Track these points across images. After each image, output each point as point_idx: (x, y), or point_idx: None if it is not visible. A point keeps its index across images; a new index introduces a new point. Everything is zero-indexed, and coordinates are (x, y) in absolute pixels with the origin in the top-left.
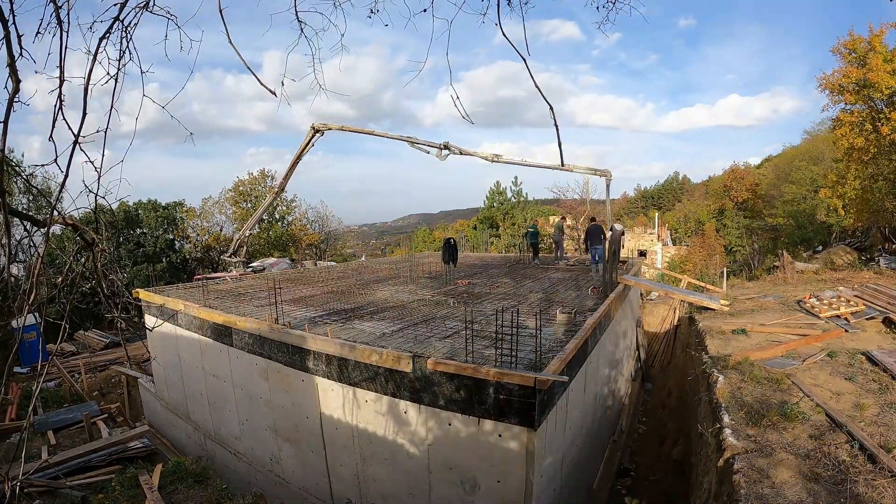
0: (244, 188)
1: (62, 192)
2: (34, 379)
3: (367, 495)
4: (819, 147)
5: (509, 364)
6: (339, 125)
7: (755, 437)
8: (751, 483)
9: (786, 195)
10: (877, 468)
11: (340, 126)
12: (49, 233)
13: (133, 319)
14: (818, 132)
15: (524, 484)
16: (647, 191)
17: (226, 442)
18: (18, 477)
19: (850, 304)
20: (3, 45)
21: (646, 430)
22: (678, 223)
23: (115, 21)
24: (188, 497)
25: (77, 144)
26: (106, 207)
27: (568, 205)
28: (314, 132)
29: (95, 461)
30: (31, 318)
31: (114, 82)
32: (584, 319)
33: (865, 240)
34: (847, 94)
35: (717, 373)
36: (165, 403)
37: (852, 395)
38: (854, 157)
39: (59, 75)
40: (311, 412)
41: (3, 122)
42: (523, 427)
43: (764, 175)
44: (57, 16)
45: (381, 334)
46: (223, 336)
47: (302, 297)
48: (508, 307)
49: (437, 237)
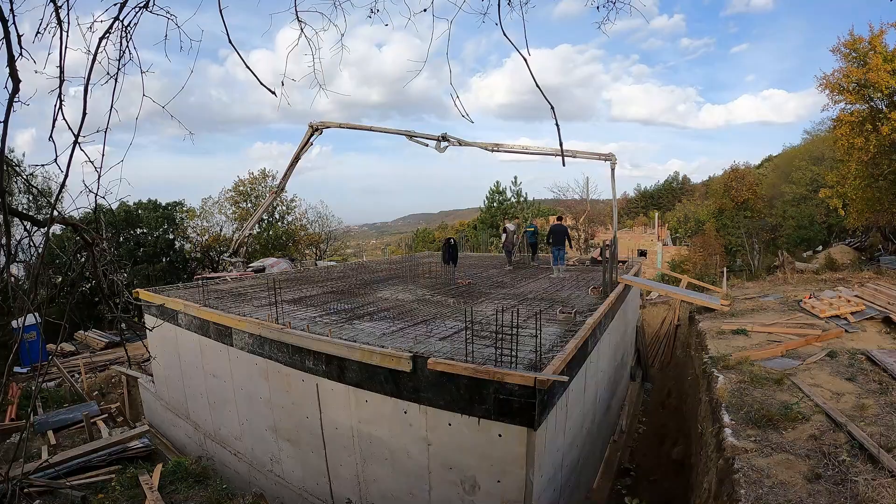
0: (244, 188)
1: (62, 191)
2: (34, 379)
3: (367, 495)
4: (819, 147)
5: (509, 364)
6: (338, 123)
7: (755, 437)
8: (751, 483)
9: (786, 195)
10: (877, 468)
11: (339, 124)
12: (49, 233)
13: (133, 319)
14: (818, 132)
15: (524, 484)
16: (648, 191)
17: (226, 442)
18: (18, 477)
19: (851, 304)
20: (3, 45)
21: (646, 430)
22: (678, 223)
23: (114, 21)
24: (188, 497)
25: (77, 144)
26: (106, 207)
27: (567, 204)
28: (312, 131)
29: (95, 461)
30: (31, 318)
31: (114, 82)
32: (585, 319)
33: (865, 240)
34: (847, 94)
35: (717, 373)
36: (165, 403)
37: (853, 395)
38: (854, 157)
39: (59, 75)
40: (311, 412)
41: (3, 121)
42: (523, 427)
43: (764, 175)
44: (57, 15)
45: (381, 334)
46: (223, 336)
47: (302, 296)
48: (508, 307)
49: (437, 236)
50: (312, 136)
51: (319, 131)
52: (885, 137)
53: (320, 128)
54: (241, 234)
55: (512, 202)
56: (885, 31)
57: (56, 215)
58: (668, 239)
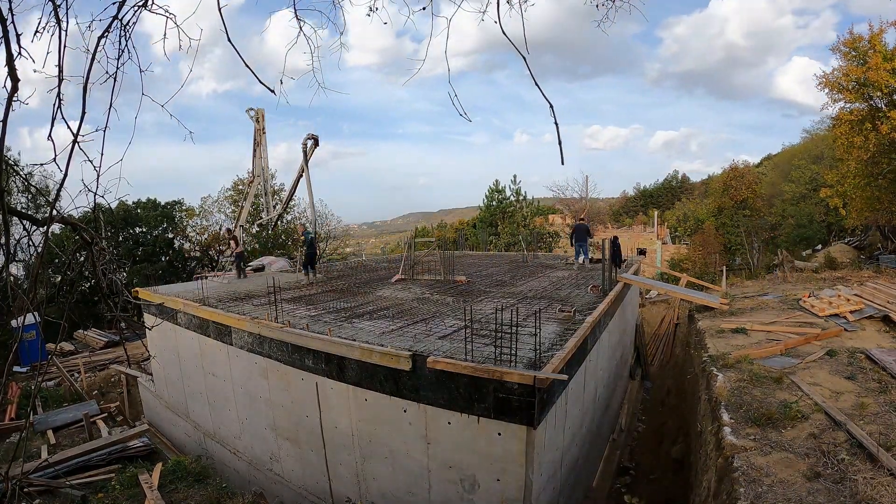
0: (244, 187)
1: (61, 191)
2: (34, 378)
3: (366, 494)
4: (819, 146)
5: (509, 363)
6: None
7: (755, 435)
8: (750, 481)
9: (785, 194)
10: (876, 467)
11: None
12: (48, 232)
13: (132, 318)
14: (818, 131)
15: (524, 482)
16: (647, 189)
17: (225, 441)
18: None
19: (850, 303)
20: (2, 44)
21: (645, 429)
22: (677, 222)
23: (113, 20)
24: (188, 496)
25: (76, 143)
26: (105, 206)
27: (567, 202)
28: (310, 140)
29: (95, 460)
30: (30, 318)
31: (112, 81)
32: (584, 318)
33: (865, 238)
34: (847, 93)
35: (716, 371)
36: (165, 402)
37: (852, 393)
38: (854, 156)
39: (57, 74)
40: (310, 411)
41: (3, 121)
42: (523, 425)
43: (764, 174)
44: (56, 15)
45: (381, 333)
46: (223, 335)
47: (301, 295)
48: (508, 306)
49: (437, 236)
50: (308, 148)
51: (316, 143)
52: (884, 136)
53: (315, 137)
54: (277, 210)
55: (511, 201)
56: (885, 29)
57: (55, 214)
58: (667, 238)
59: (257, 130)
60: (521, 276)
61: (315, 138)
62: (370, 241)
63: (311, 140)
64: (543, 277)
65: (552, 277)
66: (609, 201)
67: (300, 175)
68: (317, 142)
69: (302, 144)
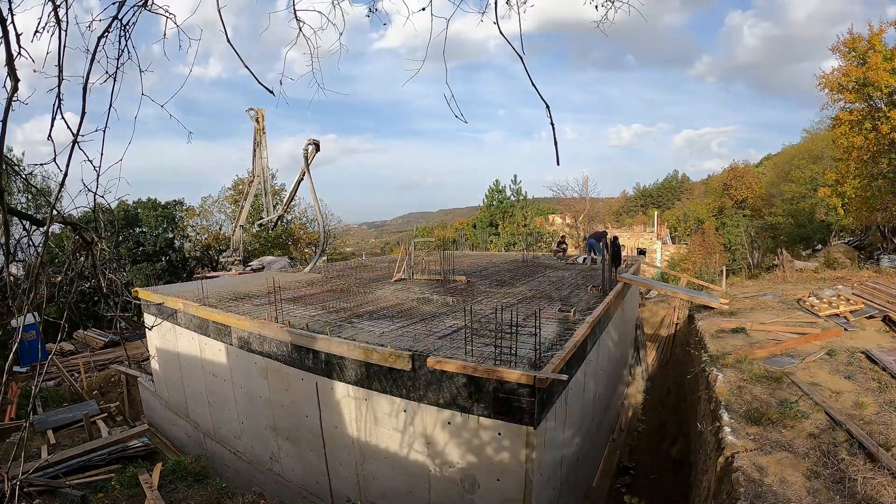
0: (244, 187)
1: (61, 191)
2: (34, 378)
3: (366, 494)
4: (819, 146)
5: (509, 362)
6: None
7: (754, 435)
8: (750, 481)
9: (785, 194)
10: (876, 466)
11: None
12: (49, 232)
13: (132, 318)
14: (818, 131)
15: (524, 482)
16: (647, 189)
17: (225, 440)
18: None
19: (850, 303)
20: (2, 44)
21: (645, 429)
22: (677, 222)
23: (113, 20)
24: (188, 496)
25: (76, 143)
26: (105, 206)
27: (567, 203)
28: (311, 145)
29: (95, 460)
30: (30, 318)
31: (112, 81)
32: (584, 318)
33: (865, 238)
34: (847, 93)
35: (716, 371)
36: (165, 402)
37: (852, 393)
38: (853, 156)
39: (57, 74)
40: (310, 411)
41: (2, 121)
42: (523, 425)
43: (763, 174)
44: (55, 15)
45: (381, 333)
46: (223, 334)
47: (301, 295)
48: (508, 305)
49: (437, 235)
50: (309, 154)
51: (316, 147)
52: (884, 136)
53: (316, 142)
54: (278, 211)
55: (511, 201)
56: (885, 29)
57: (55, 214)
58: (667, 237)
59: (257, 131)
60: (521, 276)
61: (316, 143)
62: (370, 241)
63: (312, 145)
64: (543, 277)
65: (552, 277)
66: (609, 202)
67: (301, 177)
68: (318, 147)
69: (303, 150)
